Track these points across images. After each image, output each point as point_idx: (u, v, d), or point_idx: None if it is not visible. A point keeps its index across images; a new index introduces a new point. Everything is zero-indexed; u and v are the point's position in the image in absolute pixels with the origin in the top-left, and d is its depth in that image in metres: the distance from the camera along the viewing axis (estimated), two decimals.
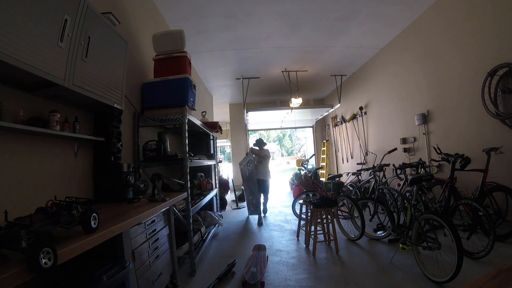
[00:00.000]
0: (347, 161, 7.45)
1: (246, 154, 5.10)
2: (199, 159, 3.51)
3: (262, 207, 4.98)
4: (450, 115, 3.72)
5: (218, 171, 5.28)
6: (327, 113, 7.60)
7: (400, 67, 4.83)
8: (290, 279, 2.40)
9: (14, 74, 1.21)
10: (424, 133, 4.22)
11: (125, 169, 1.96)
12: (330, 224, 3.09)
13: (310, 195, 3.94)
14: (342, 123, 7.54)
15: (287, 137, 30.07)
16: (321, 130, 9.49)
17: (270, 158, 5.33)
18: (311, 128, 9.76)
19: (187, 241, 2.68)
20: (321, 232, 3.14)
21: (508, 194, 2.71)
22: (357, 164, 5.84)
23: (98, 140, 1.91)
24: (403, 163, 3.42)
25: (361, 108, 6.39)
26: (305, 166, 4.81)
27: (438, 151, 3.08)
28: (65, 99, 1.66)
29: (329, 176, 5.44)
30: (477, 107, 3.19)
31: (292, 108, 6.53)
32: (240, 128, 9.08)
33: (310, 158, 7.84)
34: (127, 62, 2.07)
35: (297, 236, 3.58)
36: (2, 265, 0.77)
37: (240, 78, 6.17)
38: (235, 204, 6.45)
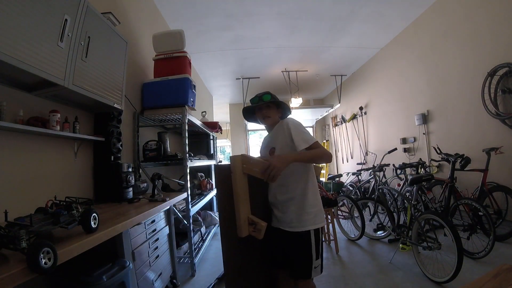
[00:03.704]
0: (347, 161, 7.45)
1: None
2: (199, 159, 3.51)
3: None
4: (450, 115, 3.71)
5: None
6: (327, 113, 7.59)
7: (400, 67, 4.83)
8: None
9: (14, 74, 1.21)
10: (424, 133, 4.22)
11: (125, 169, 1.96)
12: (330, 224, 3.09)
13: None
14: (342, 123, 7.54)
15: None
16: (321, 130, 9.48)
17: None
18: (311, 128, 9.75)
19: (187, 241, 2.68)
20: None
21: (508, 194, 2.71)
22: (357, 164, 5.84)
23: (98, 140, 1.91)
24: (403, 163, 3.42)
25: (361, 108, 6.38)
26: None
27: (438, 151, 3.09)
28: (65, 99, 1.66)
29: (329, 176, 5.43)
30: (477, 107, 3.19)
31: (292, 108, 6.53)
32: (240, 128, 9.08)
33: None
34: (127, 62, 2.07)
35: None
36: (2, 265, 0.77)
37: (240, 78, 6.16)
38: None
